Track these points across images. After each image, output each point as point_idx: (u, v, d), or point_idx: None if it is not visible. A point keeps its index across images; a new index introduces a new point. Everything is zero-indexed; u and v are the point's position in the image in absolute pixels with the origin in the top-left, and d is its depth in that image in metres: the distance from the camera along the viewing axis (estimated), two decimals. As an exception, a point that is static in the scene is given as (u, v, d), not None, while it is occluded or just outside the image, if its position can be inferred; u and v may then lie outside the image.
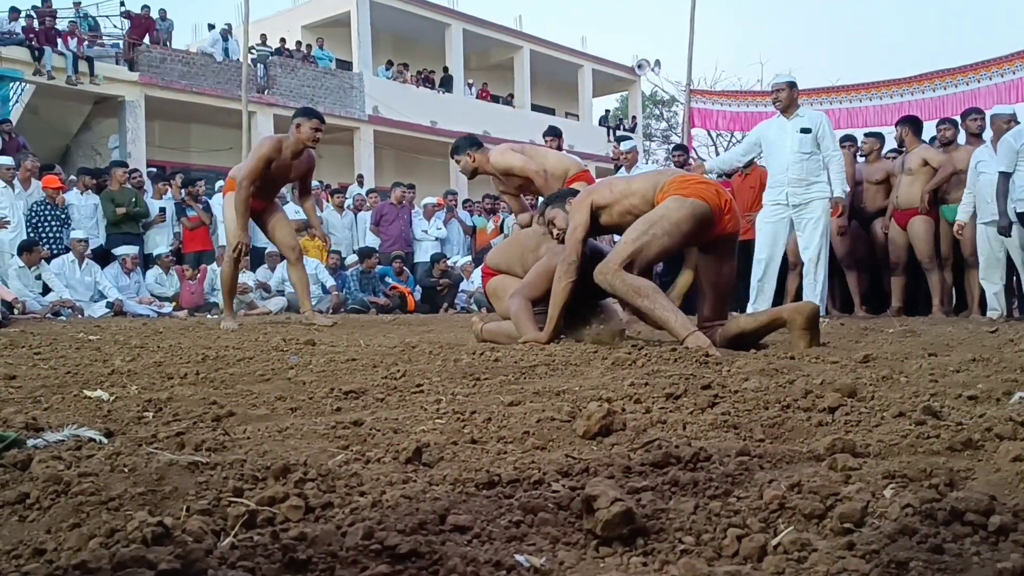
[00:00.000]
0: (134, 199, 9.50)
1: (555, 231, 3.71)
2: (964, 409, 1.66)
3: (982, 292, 6.74)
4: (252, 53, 16.31)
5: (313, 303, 9.98)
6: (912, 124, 7.31)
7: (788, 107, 6.06)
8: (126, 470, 1.19)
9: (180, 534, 0.92)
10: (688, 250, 4.13)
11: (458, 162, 5.16)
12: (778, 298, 7.92)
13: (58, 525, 0.99)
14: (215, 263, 9.97)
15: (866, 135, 8.02)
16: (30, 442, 1.43)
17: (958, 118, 7.35)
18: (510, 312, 3.63)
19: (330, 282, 10.25)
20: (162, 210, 9.95)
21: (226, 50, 17.47)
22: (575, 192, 3.81)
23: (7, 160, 8.97)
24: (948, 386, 1.99)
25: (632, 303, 3.22)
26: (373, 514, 1.00)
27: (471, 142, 5.15)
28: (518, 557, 0.86)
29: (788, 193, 6.04)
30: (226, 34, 17.70)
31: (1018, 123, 6.27)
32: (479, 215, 12.50)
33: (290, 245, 6.02)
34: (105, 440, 1.49)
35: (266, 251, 10.10)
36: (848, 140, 8.27)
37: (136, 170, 10.65)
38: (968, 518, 0.92)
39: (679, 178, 3.41)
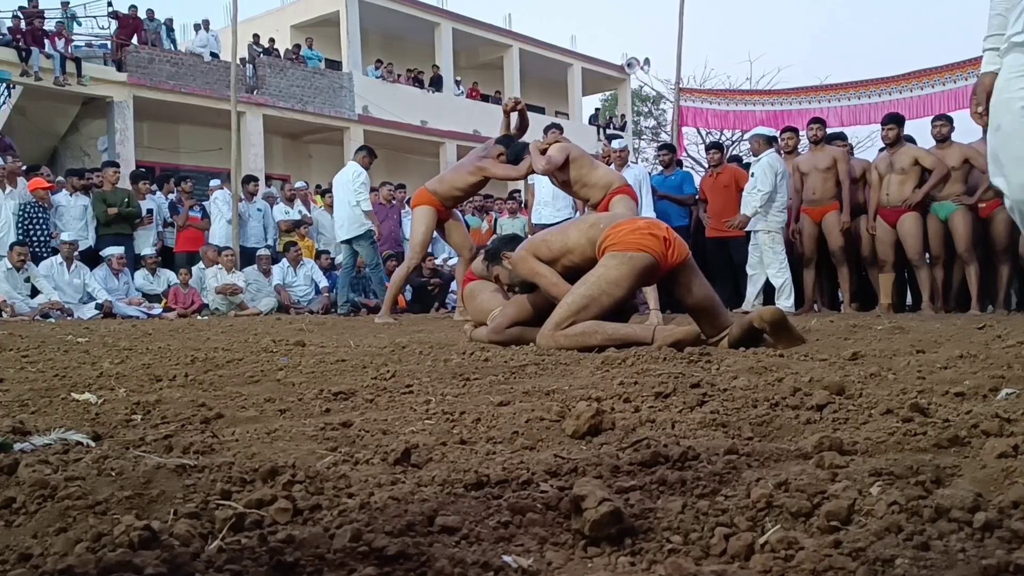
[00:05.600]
0: (127, 199, 9.44)
1: (504, 285, 4.02)
2: (951, 406, 1.67)
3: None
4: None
5: (306, 303, 10.02)
6: (900, 123, 7.34)
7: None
8: (113, 474, 1.18)
9: (167, 538, 0.91)
10: None
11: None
12: (769, 297, 7.95)
13: (44, 530, 0.98)
14: (201, 263, 9.92)
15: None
16: (17, 446, 1.42)
17: (952, 115, 7.42)
18: (509, 339, 3.64)
19: (324, 283, 10.22)
20: (149, 211, 9.89)
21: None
22: (510, 241, 3.99)
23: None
24: (936, 383, 2.00)
25: (588, 346, 3.15)
26: (361, 516, 1.00)
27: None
28: (506, 558, 0.86)
29: None
30: (207, 26, 17.64)
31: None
32: (472, 215, 12.48)
33: (466, 246, 6.84)
34: (93, 443, 1.48)
35: (257, 252, 10.07)
36: (839, 138, 8.31)
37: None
38: (954, 515, 0.92)
39: (612, 230, 3.35)
